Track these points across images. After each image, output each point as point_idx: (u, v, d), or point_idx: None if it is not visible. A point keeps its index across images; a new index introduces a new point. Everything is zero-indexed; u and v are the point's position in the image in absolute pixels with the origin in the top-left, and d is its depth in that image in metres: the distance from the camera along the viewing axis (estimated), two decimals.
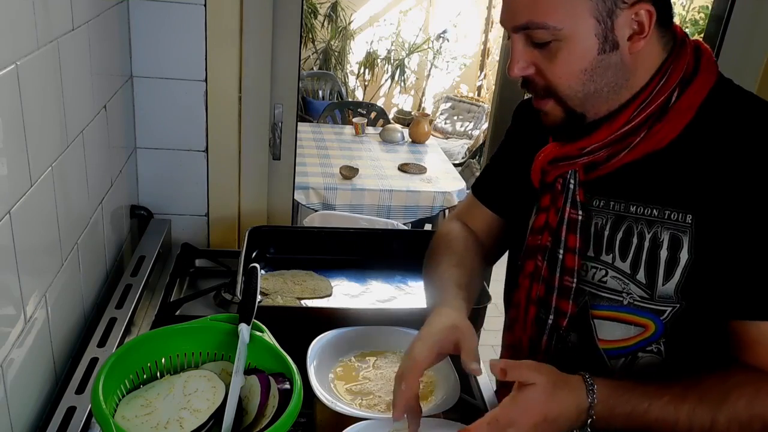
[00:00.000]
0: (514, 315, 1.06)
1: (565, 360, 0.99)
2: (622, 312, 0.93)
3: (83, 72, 1.18)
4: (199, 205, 1.70)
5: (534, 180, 1.00)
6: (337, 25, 5.91)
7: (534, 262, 1.00)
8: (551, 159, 0.97)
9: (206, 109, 1.60)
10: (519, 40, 0.87)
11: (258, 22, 1.57)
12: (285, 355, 0.95)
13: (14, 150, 0.88)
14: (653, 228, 0.90)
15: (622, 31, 0.84)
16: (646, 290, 0.91)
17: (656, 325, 0.91)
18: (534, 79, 0.89)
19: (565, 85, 0.87)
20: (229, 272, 1.50)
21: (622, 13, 0.82)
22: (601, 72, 0.86)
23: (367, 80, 6.19)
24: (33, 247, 0.96)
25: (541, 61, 0.87)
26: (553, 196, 0.98)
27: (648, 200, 0.90)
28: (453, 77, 6.41)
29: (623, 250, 0.92)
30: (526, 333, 1.03)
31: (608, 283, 0.94)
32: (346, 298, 1.37)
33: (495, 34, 6.16)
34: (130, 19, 1.48)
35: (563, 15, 0.82)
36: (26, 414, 0.97)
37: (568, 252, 0.96)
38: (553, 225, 0.97)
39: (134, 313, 1.28)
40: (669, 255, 0.88)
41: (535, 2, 0.84)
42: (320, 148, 3.64)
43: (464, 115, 5.78)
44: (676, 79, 0.88)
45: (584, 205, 0.95)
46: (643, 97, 0.88)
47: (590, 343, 0.97)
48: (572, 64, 0.85)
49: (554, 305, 0.98)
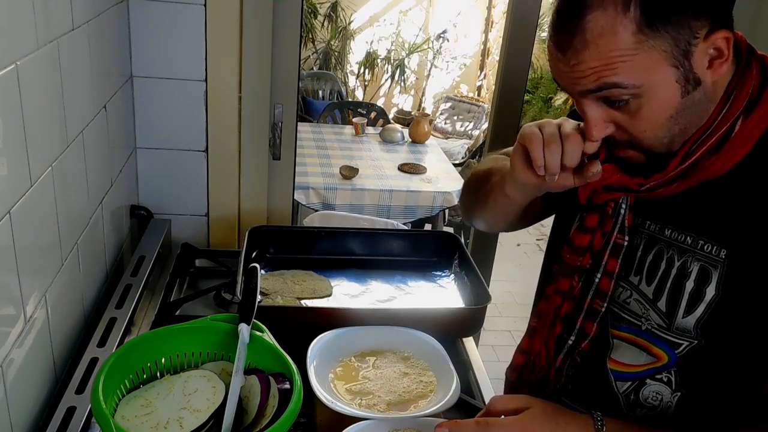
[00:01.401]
0: (537, 325, 1.00)
1: (573, 377, 0.97)
2: (639, 337, 0.89)
3: (83, 72, 1.18)
4: (199, 205, 1.70)
5: (581, 197, 0.92)
6: (337, 25, 5.91)
7: (570, 281, 0.95)
8: (606, 185, 0.89)
9: (206, 109, 1.60)
10: (591, 103, 0.79)
11: (258, 22, 1.57)
12: (285, 355, 0.95)
13: (14, 150, 0.88)
14: (684, 256, 0.85)
15: (700, 64, 0.76)
16: (665, 319, 0.86)
17: (669, 357, 0.87)
18: (615, 134, 0.82)
19: (651, 135, 0.80)
20: (229, 272, 1.50)
21: (697, 49, 0.75)
22: (686, 112, 0.79)
23: (367, 80, 6.19)
24: (33, 247, 0.96)
25: (620, 118, 0.80)
26: (602, 218, 0.91)
27: (683, 227, 0.85)
28: (453, 77, 6.42)
29: (650, 274, 0.88)
30: (547, 346, 0.99)
31: (630, 305, 0.90)
32: (346, 298, 1.37)
33: (495, 34, 6.16)
34: (130, 19, 1.48)
35: (639, 74, 0.75)
36: (26, 414, 0.97)
37: (605, 276, 0.91)
38: (597, 248, 0.92)
39: (134, 313, 1.28)
40: (694, 288, 0.83)
41: (605, 65, 0.75)
42: (320, 148, 3.64)
43: (464, 115, 5.78)
44: (740, 106, 0.80)
45: (630, 229, 0.90)
46: (705, 128, 0.81)
47: (601, 362, 0.93)
48: (657, 115, 0.78)
49: (579, 326, 0.94)
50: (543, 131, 0.85)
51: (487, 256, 2.40)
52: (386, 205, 3.16)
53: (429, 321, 1.17)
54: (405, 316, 1.22)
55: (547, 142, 0.84)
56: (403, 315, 1.22)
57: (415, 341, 1.15)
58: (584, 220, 0.94)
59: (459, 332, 1.30)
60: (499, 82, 2.19)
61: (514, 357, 1.06)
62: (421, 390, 1.06)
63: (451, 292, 1.42)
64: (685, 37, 0.74)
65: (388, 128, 3.96)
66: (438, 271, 1.48)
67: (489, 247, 2.41)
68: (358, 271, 1.46)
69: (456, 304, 1.38)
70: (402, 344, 1.15)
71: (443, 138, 5.49)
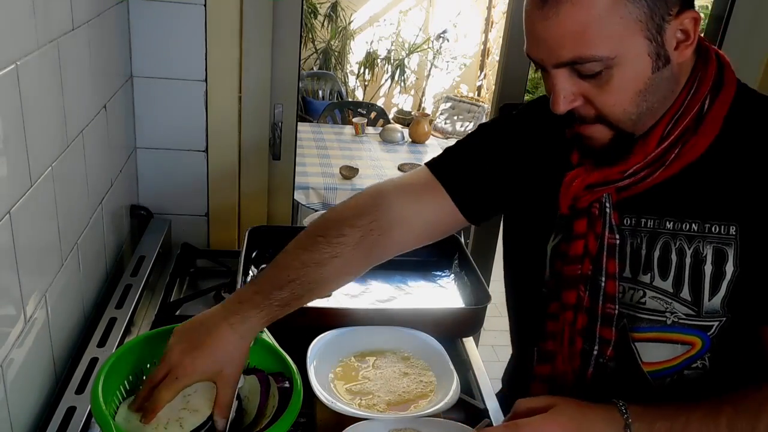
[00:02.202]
0: (552, 347, 0.97)
1: (608, 388, 0.93)
2: (667, 332, 0.89)
3: (83, 72, 1.18)
4: (199, 205, 1.70)
5: (563, 206, 0.92)
6: (337, 25, 5.91)
7: (576, 292, 0.93)
8: (588, 185, 0.89)
9: (206, 109, 1.60)
10: (561, 75, 0.80)
11: (258, 22, 1.57)
12: (285, 355, 0.95)
13: (14, 150, 0.88)
14: (694, 243, 0.86)
15: (670, 43, 0.79)
16: (692, 307, 0.87)
17: (703, 341, 0.88)
18: (581, 108, 0.82)
19: (619, 110, 0.81)
20: (229, 272, 1.50)
21: (669, 26, 0.77)
22: (654, 90, 0.80)
23: (367, 80, 6.19)
24: (33, 247, 0.96)
25: (590, 91, 0.80)
26: (591, 221, 0.91)
27: (685, 215, 0.86)
28: (453, 77, 6.41)
29: (663, 269, 0.88)
30: (572, 365, 0.95)
31: (647, 304, 0.90)
32: (346, 298, 1.37)
33: (495, 34, 6.16)
34: (130, 19, 1.48)
35: (613, 43, 0.76)
36: (26, 414, 0.97)
37: (609, 279, 0.91)
38: (593, 252, 0.91)
39: (134, 313, 1.28)
40: (714, 270, 0.85)
41: (580, 36, 0.75)
42: (320, 148, 3.63)
43: (464, 115, 5.78)
44: (707, 87, 0.84)
45: (618, 227, 0.90)
46: (675, 108, 0.84)
47: (633, 367, 0.93)
48: (627, 88, 0.79)
49: (598, 335, 0.93)
50: None
51: (487, 256, 2.39)
52: None
53: (429, 321, 1.18)
54: (405, 316, 1.22)
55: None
56: (403, 315, 1.22)
57: (415, 341, 1.15)
58: (572, 229, 0.92)
59: (459, 332, 1.30)
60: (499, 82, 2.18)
61: (532, 389, 1.00)
62: (421, 390, 1.06)
63: (451, 292, 1.42)
64: (661, 11, 0.76)
65: (388, 128, 3.96)
66: (438, 271, 1.48)
67: (489, 247, 2.41)
68: None
69: (456, 304, 1.38)
70: (402, 344, 1.15)
71: (443, 138, 5.48)
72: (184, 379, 0.85)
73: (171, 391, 0.84)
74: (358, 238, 0.95)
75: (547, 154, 0.97)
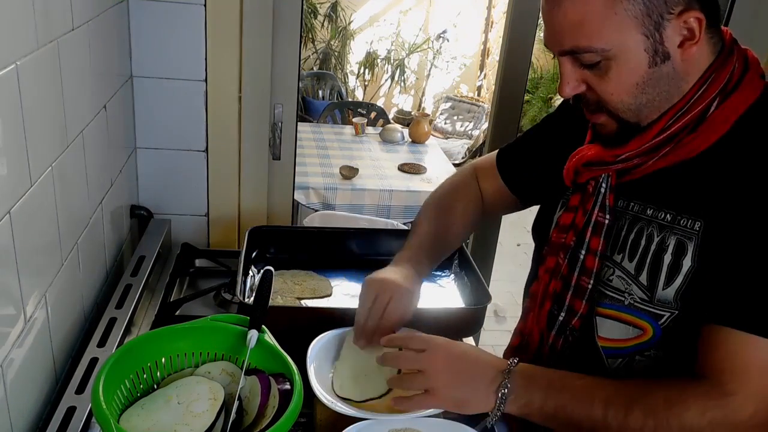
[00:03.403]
0: (530, 305, 1.07)
1: (567, 355, 1.01)
2: (623, 312, 0.93)
3: (83, 72, 1.18)
4: (199, 205, 1.70)
5: (566, 179, 1.01)
6: (337, 25, 5.91)
7: (556, 258, 1.01)
8: (585, 162, 0.97)
9: (206, 109, 1.60)
10: (567, 62, 0.87)
11: (258, 22, 1.57)
12: (285, 355, 0.95)
13: (14, 150, 0.88)
14: (663, 232, 0.90)
15: (672, 41, 0.82)
16: (646, 292, 0.91)
17: (654, 330, 0.91)
18: (586, 95, 0.89)
19: (617, 100, 0.86)
20: (229, 272, 1.50)
21: (669, 24, 0.81)
22: (653, 84, 0.85)
23: (367, 80, 6.19)
24: (33, 247, 0.96)
25: (591, 79, 0.86)
26: (584, 197, 0.98)
27: (663, 205, 0.90)
28: (453, 77, 6.41)
29: (632, 251, 0.93)
30: (538, 325, 1.04)
31: (613, 282, 0.94)
32: (346, 298, 1.37)
33: (495, 34, 6.16)
34: (130, 19, 1.48)
35: (609, 36, 0.81)
36: (26, 414, 0.97)
37: (589, 254, 0.96)
38: (579, 226, 0.98)
39: (134, 313, 1.28)
40: (672, 260, 0.88)
41: (578, 27, 0.82)
42: (320, 148, 3.63)
43: (464, 115, 5.78)
44: (716, 88, 0.86)
45: (612, 209, 0.95)
46: (680, 105, 0.86)
47: (591, 339, 0.97)
48: (623, 80, 0.84)
49: (567, 303, 0.99)
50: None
51: (487, 256, 2.40)
52: (386, 205, 3.16)
53: (429, 321, 1.17)
54: None
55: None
56: None
57: None
58: (569, 201, 1.01)
59: (459, 332, 1.29)
60: (499, 82, 2.19)
61: (511, 340, 1.12)
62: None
63: (451, 292, 1.42)
64: (659, 9, 0.80)
65: (388, 128, 3.96)
66: (438, 271, 1.48)
67: (489, 247, 2.41)
68: (358, 271, 1.45)
69: (456, 304, 1.38)
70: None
71: (443, 138, 5.49)
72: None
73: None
74: (461, 209, 1.24)
75: (574, 138, 1.03)
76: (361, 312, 1.07)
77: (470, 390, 0.92)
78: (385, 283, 1.07)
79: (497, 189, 1.23)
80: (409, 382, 0.95)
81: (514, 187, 1.21)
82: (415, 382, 0.94)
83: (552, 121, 1.18)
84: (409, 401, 0.94)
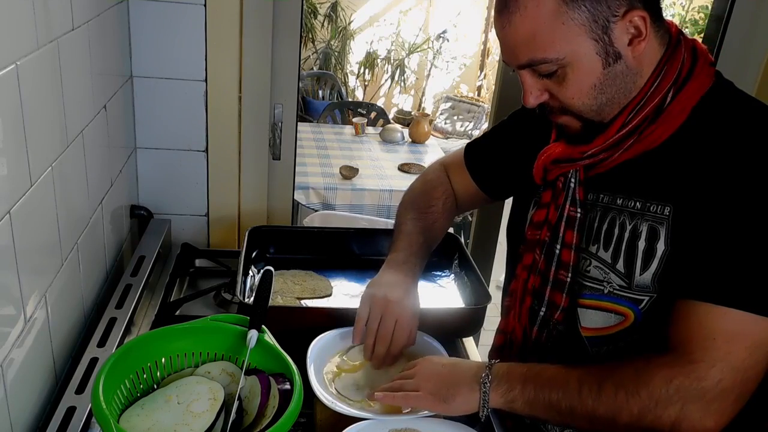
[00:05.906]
0: (509, 303, 1.10)
1: (552, 348, 1.04)
2: (604, 300, 0.96)
3: (83, 72, 1.18)
4: (199, 205, 1.70)
5: (536, 177, 1.05)
6: (337, 25, 5.91)
7: (532, 255, 1.04)
8: (553, 159, 1.00)
9: (206, 109, 1.60)
10: (526, 75, 0.91)
11: (258, 22, 1.57)
12: (285, 355, 0.95)
13: (14, 150, 0.88)
14: (634, 220, 0.93)
15: (620, 41, 0.86)
16: (625, 279, 0.93)
17: (635, 315, 0.93)
18: (549, 102, 0.93)
19: (579, 103, 0.90)
20: (229, 272, 1.50)
21: (616, 26, 0.85)
22: (609, 83, 0.89)
23: (367, 80, 6.19)
24: (33, 247, 0.96)
25: (552, 87, 0.91)
26: (554, 193, 1.02)
27: (632, 193, 0.94)
28: (453, 77, 6.41)
29: (606, 241, 0.96)
30: (520, 322, 1.07)
31: (591, 273, 0.97)
32: (346, 298, 1.37)
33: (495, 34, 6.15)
34: (130, 19, 1.48)
35: (561, 46, 0.85)
36: (26, 414, 0.97)
37: (564, 247, 1.00)
38: (552, 221, 1.01)
39: (134, 313, 1.28)
40: (646, 246, 0.91)
41: (531, 41, 0.86)
42: (320, 148, 3.63)
43: (464, 115, 5.78)
44: (669, 80, 0.90)
45: (582, 203, 0.99)
46: (638, 99, 0.91)
47: (574, 331, 1.00)
48: (581, 84, 0.88)
49: (547, 298, 1.02)
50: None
51: (487, 256, 2.39)
52: (386, 205, 3.16)
53: (429, 321, 1.17)
54: None
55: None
56: None
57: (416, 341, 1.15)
58: (540, 198, 1.05)
59: (459, 332, 1.30)
60: (499, 82, 2.18)
61: (494, 340, 1.15)
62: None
63: (451, 292, 1.42)
64: (604, 14, 0.84)
65: (388, 128, 3.96)
66: (438, 271, 1.48)
67: (489, 247, 2.40)
68: (358, 271, 1.46)
69: (456, 304, 1.38)
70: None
71: (443, 138, 5.49)
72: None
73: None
74: (440, 206, 1.27)
75: (540, 135, 1.07)
76: (368, 333, 1.09)
77: (454, 387, 0.96)
78: (389, 305, 1.08)
79: (467, 185, 1.28)
80: (400, 386, 0.99)
81: (484, 185, 1.26)
82: (405, 385, 0.98)
83: (518, 118, 1.21)
84: (396, 396, 0.97)
